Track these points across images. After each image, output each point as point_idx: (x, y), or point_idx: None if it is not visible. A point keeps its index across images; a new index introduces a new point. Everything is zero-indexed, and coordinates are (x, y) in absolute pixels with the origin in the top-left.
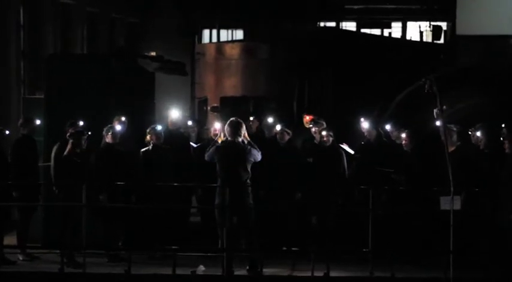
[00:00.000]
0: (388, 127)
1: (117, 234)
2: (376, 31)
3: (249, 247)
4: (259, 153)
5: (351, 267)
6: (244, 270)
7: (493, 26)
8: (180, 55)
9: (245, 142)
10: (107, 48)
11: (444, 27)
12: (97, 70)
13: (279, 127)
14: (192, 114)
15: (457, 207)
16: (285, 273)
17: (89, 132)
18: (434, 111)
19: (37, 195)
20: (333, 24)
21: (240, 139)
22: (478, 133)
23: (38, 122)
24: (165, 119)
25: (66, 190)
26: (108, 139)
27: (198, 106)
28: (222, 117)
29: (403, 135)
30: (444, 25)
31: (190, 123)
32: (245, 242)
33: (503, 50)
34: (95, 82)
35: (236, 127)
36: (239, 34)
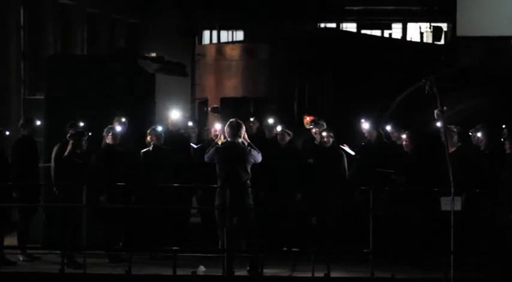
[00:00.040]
0: (388, 128)
1: (118, 235)
2: (377, 32)
3: (249, 248)
4: (260, 155)
5: (351, 267)
6: (245, 270)
7: (493, 27)
8: (180, 56)
9: (245, 143)
10: (107, 49)
11: (444, 28)
12: (97, 71)
13: (279, 128)
14: (192, 115)
15: (458, 208)
16: (286, 274)
17: (89, 133)
18: (435, 112)
19: (37, 196)
20: (333, 25)
21: (239, 140)
22: (479, 134)
23: (38, 122)
24: (165, 120)
25: (66, 191)
26: (109, 140)
27: (199, 107)
28: (223, 118)
29: (404, 136)
30: (444, 26)
31: (190, 124)
32: (245, 242)
33: (504, 51)
34: (95, 83)
35: (236, 128)
36: (239, 35)
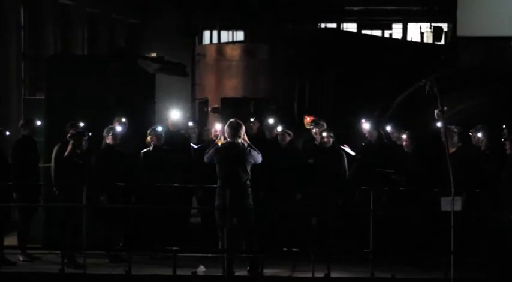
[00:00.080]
0: (388, 128)
1: (118, 235)
2: (377, 32)
3: (249, 248)
4: (260, 155)
5: (352, 267)
6: (245, 270)
7: (494, 27)
8: (181, 56)
9: (245, 144)
10: (107, 49)
11: (445, 29)
12: (97, 71)
13: (280, 128)
14: (192, 116)
15: (458, 208)
16: (286, 274)
17: (90, 133)
18: (435, 112)
19: (37, 196)
20: (333, 25)
21: (239, 140)
22: (479, 134)
23: (38, 122)
24: (165, 120)
25: (66, 191)
26: (109, 140)
27: (199, 107)
28: (223, 118)
29: (404, 136)
30: (445, 26)
31: (190, 124)
32: (245, 242)
33: (504, 51)
34: (96, 83)
35: (236, 128)
36: (240, 35)
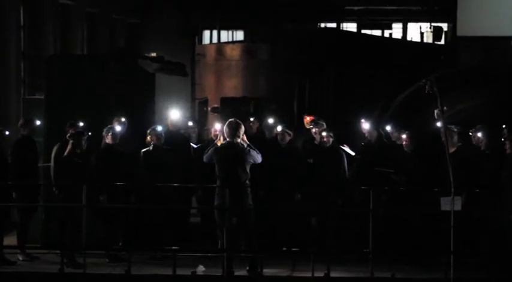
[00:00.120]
0: (388, 128)
1: (117, 235)
2: (377, 32)
3: (249, 248)
4: (259, 155)
5: (351, 267)
6: (244, 270)
7: (494, 27)
8: (180, 56)
9: (244, 145)
10: (107, 48)
11: (445, 28)
12: (97, 71)
13: (280, 128)
14: (192, 115)
15: (458, 208)
16: (285, 274)
17: (89, 133)
18: (435, 112)
19: (37, 195)
20: (333, 25)
21: (238, 140)
22: (479, 134)
23: (38, 122)
24: (165, 119)
25: (66, 191)
26: (108, 140)
27: (199, 107)
28: (223, 118)
29: (404, 136)
30: (445, 26)
31: (190, 124)
32: (245, 242)
33: (504, 51)
34: (95, 83)
35: (235, 128)
36: (239, 35)
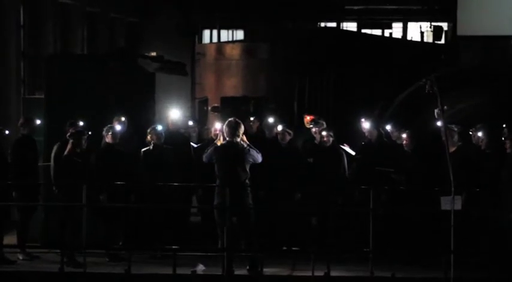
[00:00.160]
0: (388, 127)
1: (118, 234)
2: (377, 31)
3: (249, 247)
4: (259, 155)
5: (351, 267)
6: (245, 270)
7: (494, 26)
8: (180, 55)
9: (244, 145)
10: (106, 48)
11: (445, 28)
12: (97, 70)
13: (280, 127)
14: (192, 115)
15: (458, 207)
16: (285, 273)
17: (89, 132)
18: (435, 111)
19: (37, 195)
20: (333, 24)
21: (238, 139)
22: (479, 133)
23: (38, 122)
24: (165, 119)
25: (66, 190)
26: (108, 139)
27: (199, 106)
28: (223, 117)
29: (404, 136)
30: (445, 25)
31: (190, 123)
32: (245, 242)
33: (504, 50)
34: (95, 82)
35: (234, 127)
36: (239, 34)
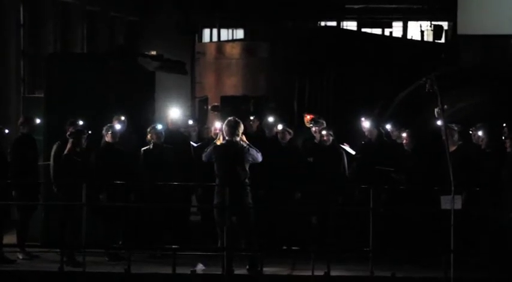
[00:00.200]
0: (388, 126)
1: (117, 233)
2: (377, 30)
3: (249, 246)
4: (259, 154)
5: (351, 266)
6: (244, 269)
7: (494, 25)
8: (180, 54)
9: (244, 144)
10: (106, 47)
11: (445, 27)
12: (97, 69)
13: (280, 126)
14: (192, 114)
15: (458, 206)
16: (285, 273)
17: (89, 131)
18: (435, 110)
19: (37, 194)
20: (333, 23)
21: (237, 138)
22: (479, 132)
23: (37, 121)
24: (165, 118)
25: (65, 189)
26: (108, 138)
27: (198, 105)
28: (223, 117)
29: (404, 135)
30: (445, 24)
31: (190, 122)
32: (245, 241)
33: (504, 49)
34: (95, 81)
35: (234, 126)
36: (239, 33)
